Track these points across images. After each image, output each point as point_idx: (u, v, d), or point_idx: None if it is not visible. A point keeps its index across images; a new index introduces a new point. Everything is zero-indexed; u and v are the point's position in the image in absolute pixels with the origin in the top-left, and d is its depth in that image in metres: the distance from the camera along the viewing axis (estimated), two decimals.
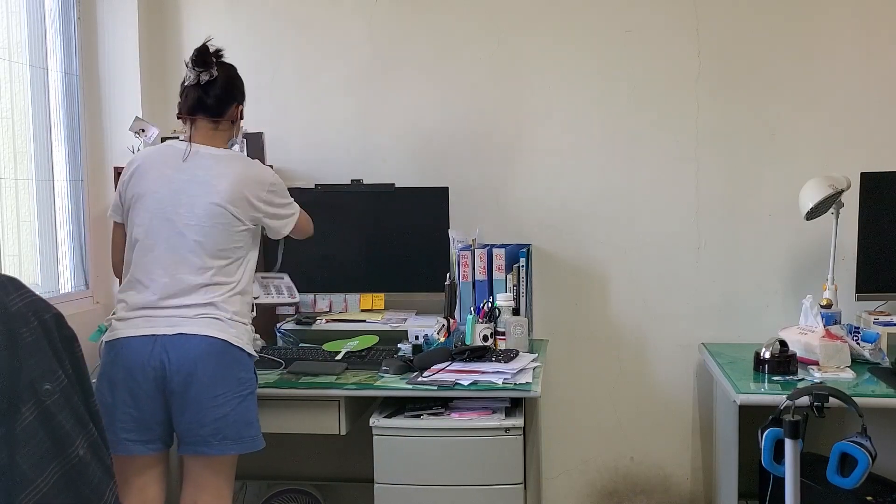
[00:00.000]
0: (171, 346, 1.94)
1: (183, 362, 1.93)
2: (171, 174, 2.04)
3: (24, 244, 2.55)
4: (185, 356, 1.93)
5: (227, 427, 1.97)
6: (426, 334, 2.53)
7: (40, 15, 2.62)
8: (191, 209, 2.01)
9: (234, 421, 1.98)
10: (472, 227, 2.76)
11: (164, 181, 2.04)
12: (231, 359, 1.99)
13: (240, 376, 2.01)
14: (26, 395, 1.19)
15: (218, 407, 1.96)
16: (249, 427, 2.02)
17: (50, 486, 1.20)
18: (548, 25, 2.84)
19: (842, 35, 2.72)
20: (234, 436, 1.99)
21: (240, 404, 1.99)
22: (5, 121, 2.47)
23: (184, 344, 1.94)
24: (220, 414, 1.96)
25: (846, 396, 1.76)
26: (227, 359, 1.98)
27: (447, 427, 2.17)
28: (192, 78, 2.06)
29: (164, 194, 2.03)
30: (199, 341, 1.95)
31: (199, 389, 1.94)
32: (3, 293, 1.20)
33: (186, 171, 2.04)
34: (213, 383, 1.95)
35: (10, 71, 2.49)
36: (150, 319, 1.97)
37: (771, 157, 2.77)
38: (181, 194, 2.02)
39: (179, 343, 1.94)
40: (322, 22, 2.94)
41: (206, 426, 1.96)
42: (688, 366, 2.86)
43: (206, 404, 1.95)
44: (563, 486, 2.97)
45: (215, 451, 1.98)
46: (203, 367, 1.94)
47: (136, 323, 1.98)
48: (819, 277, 2.66)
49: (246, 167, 2.13)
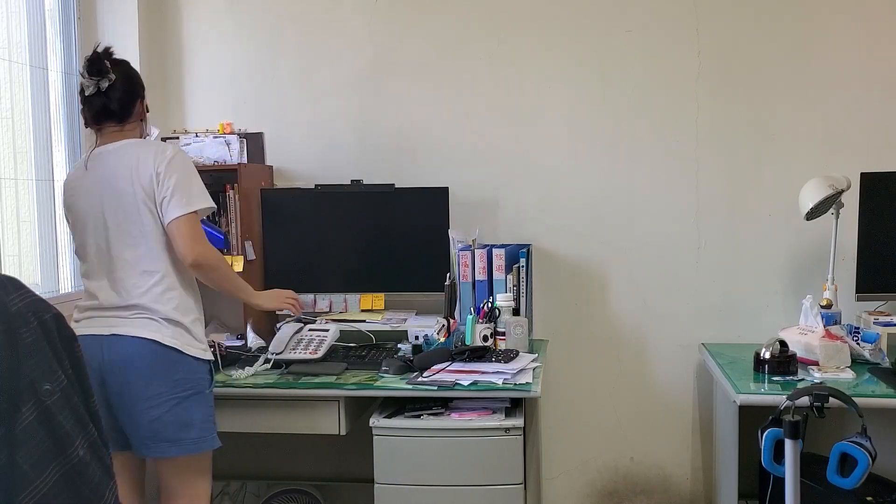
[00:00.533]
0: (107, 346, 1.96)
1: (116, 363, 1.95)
2: (78, 185, 2.07)
3: (24, 244, 2.55)
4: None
5: (163, 429, 1.97)
6: (426, 334, 2.53)
7: (40, 15, 2.62)
8: (107, 209, 2.02)
9: (169, 423, 1.97)
10: (472, 227, 2.76)
11: (77, 194, 2.07)
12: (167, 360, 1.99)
13: (176, 378, 1.99)
14: (26, 395, 1.19)
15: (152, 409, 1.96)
16: (188, 429, 2.00)
17: (50, 486, 1.20)
18: (548, 25, 2.84)
19: (842, 35, 2.72)
20: (172, 438, 1.98)
21: (176, 405, 1.98)
22: (5, 121, 2.47)
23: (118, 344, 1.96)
24: (155, 416, 1.96)
25: (846, 396, 1.76)
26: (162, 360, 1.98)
27: (447, 427, 2.17)
28: (92, 88, 2.02)
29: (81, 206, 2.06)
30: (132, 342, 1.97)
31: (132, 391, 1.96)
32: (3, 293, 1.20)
33: (90, 176, 2.05)
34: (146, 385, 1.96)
35: (10, 71, 2.49)
36: (93, 321, 2.01)
37: (771, 157, 2.77)
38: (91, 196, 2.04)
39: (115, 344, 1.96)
40: (322, 22, 2.94)
41: (141, 428, 1.97)
42: (688, 366, 2.86)
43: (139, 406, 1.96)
44: (563, 486, 2.97)
45: (153, 453, 1.98)
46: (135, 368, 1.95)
47: (84, 323, 2.02)
48: (819, 277, 2.66)
49: (142, 145, 2.09)
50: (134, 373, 1.94)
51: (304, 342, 2.44)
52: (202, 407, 2.03)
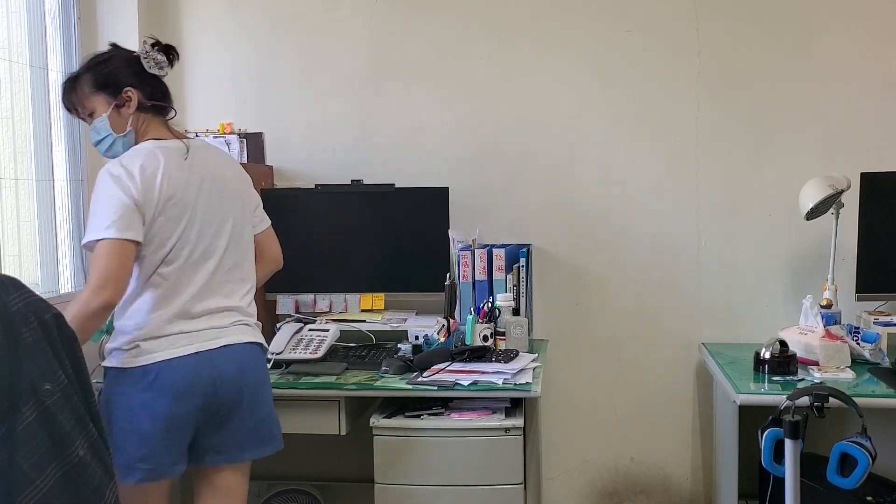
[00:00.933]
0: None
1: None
2: (185, 177, 1.88)
3: (24, 244, 2.55)
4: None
5: (268, 428, 2.00)
6: (426, 334, 2.53)
7: (40, 15, 2.62)
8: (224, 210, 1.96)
9: (274, 421, 2.03)
10: (472, 227, 2.76)
11: (183, 186, 1.87)
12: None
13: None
14: (26, 395, 1.19)
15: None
16: (279, 426, 2.05)
17: (50, 486, 1.20)
18: (548, 25, 2.84)
19: (842, 35, 2.72)
20: (271, 436, 2.01)
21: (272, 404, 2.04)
22: (5, 121, 2.47)
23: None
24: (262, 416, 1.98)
25: (846, 396, 1.77)
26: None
27: (447, 427, 2.17)
28: (168, 69, 1.94)
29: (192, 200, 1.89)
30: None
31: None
32: (3, 293, 1.20)
33: (195, 171, 1.90)
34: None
35: (10, 71, 2.49)
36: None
37: (771, 157, 2.77)
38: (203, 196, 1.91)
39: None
40: (322, 22, 2.94)
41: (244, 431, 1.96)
42: (688, 366, 2.86)
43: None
44: (563, 486, 2.97)
45: (253, 455, 1.98)
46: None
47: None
48: (819, 277, 2.66)
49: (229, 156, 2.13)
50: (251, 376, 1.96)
51: (304, 342, 2.44)
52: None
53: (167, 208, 1.83)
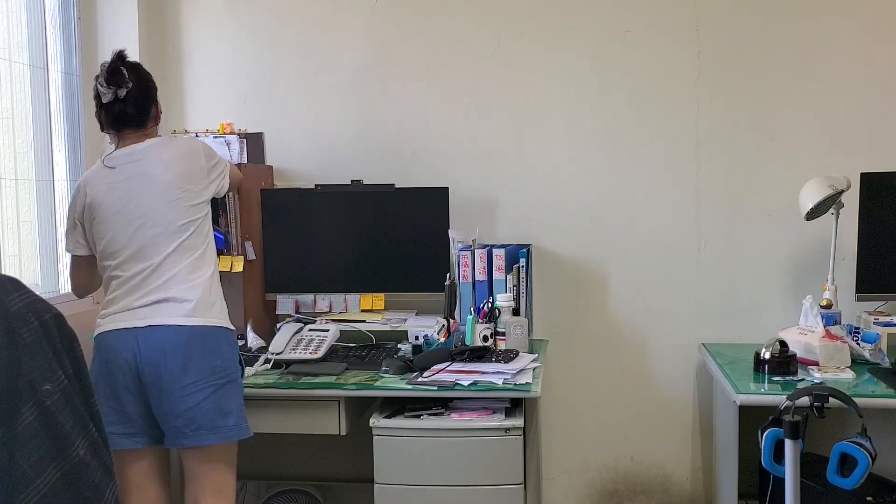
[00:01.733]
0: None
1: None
2: (110, 183, 2.08)
3: (24, 244, 2.55)
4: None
5: (200, 416, 1.99)
6: (426, 334, 2.53)
7: (40, 15, 2.62)
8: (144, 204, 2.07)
9: (207, 410, 2.00)
10: (472, 227, 2.76)
11: (107, 191, 2.08)
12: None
13: (215, 364, 2.03)
14: (26, 396, 1.19)
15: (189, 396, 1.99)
16: (226, 417, 2.03)
17: (50, 487, 1.20)
18: (547, 25, 2.84)
19: (842, 35, 2.72)
20: (209, 425, 2.00)
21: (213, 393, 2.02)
22: (5, 121, 2.47)
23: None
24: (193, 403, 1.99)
25: (846, 397, 1.77)
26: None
27: (447, 427, 2.17)
28: (110, 96, 2.06)
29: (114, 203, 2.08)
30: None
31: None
32: (3, 293, 1.20)
33: (121, 173, 2.08)
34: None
35: (11, 71, 2.49)
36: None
37: (771, 157, 2.77)
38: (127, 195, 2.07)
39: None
40: (322, 22, 2.94)
41: (179, 416, 1.98)
42: (688, 366, 2.86)
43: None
44: (563, 486, 2.97)
45: (189, 441, 1.99)
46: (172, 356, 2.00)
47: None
48: (819, 277, 2.66)
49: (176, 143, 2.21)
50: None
51: (304, 342, 2.45)
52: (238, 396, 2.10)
53: (101, 217, 2.08)
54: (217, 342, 2.04)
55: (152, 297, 2.01)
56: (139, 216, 2.05)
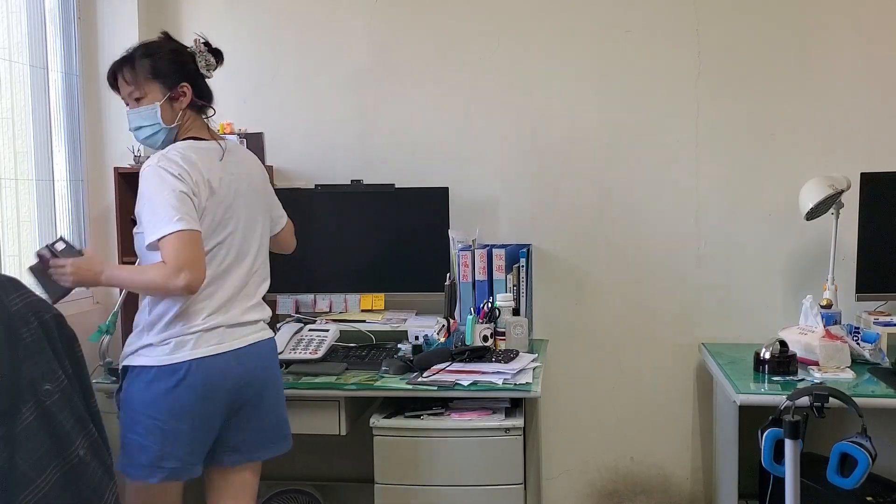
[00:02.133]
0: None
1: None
2: (222, 177, 1.89)
3: (24, 244, 2.55)
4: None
5: (283, 425, 2.03)
6: (426, 334, 2.53)
7: (40, 15, 2.62)
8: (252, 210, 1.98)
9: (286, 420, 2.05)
10: (472, 227, 2.76)
11: (224, 186, 1.89)
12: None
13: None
14: (26, 396, 1.19)
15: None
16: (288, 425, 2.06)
17: (50, 486, 1.20)
18: (548, 25, 2.84)
19: (842, 35, 2.72)
20: (285, 434, 2.04)
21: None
22: (5, 121, 2.47)
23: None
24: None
25: (846, 396, 1.77)
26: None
27: (447, 427, 2.17)
28: (210, 75, 1.96)
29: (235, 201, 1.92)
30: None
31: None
32: (3, 293, 1.20)
33: (229, 172, 1.91)
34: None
35: (11, 71, 2.49)
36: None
37: (771, 157, 2.77)
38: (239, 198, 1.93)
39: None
40: (322, 22, 2.94)
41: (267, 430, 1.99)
42: (688, 366, 2.86)
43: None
44: (563, 486, 2.97)
45: (272, 452, 2.01)
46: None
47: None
48: (819, 277, 2.66)
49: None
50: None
51: (304, 342, 2.45)
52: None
53: (210, 207, 1.83)
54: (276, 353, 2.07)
55: (250, 316, 1.94)
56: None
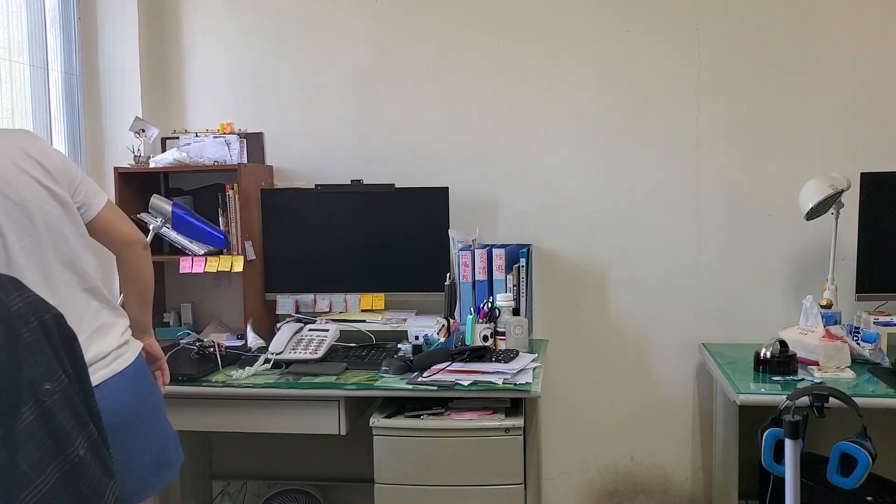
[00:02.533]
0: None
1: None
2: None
3: None
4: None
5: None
6: (426, 334, 2.53)
7: (40, 15, 2.62)
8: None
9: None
10: (472, 227, 2.76)
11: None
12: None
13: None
14: (26, 395, 1.19)
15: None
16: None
17: (50, 486, 1.20)
18: (548, 25, 2.84)
19: (842, 35, 2.72)
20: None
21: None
22: (5, 121, 2.47)
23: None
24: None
25: (846, 396, 1.76)
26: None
27: (447, 427, 2.17)
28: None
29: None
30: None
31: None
32: (3, 293, 1.20)
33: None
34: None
35: (11, 71, 2.49)
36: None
37: (771, 157, 2.77)
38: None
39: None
40: (322, 22, 2.94)
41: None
42: (688, 366, 2.86)
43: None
44: (563, 486, 2.97)
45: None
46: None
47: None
48: (819, 277, 2.66)
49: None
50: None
51: (304, 342, 2.44)
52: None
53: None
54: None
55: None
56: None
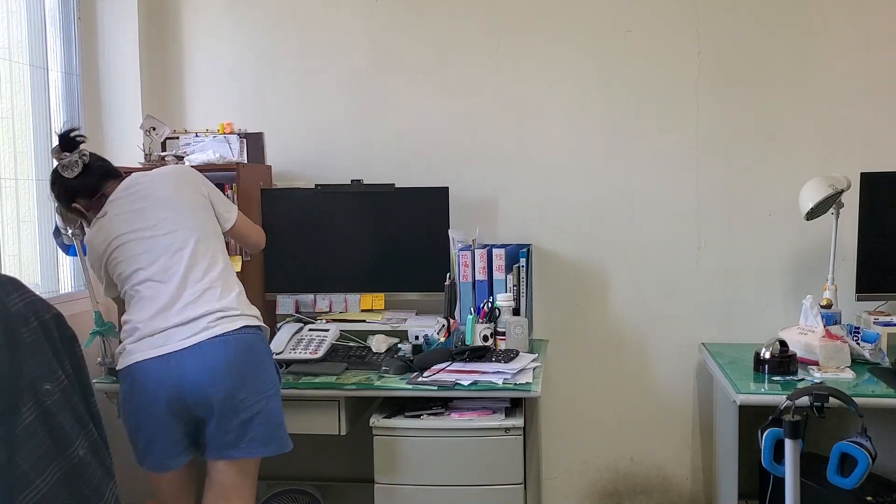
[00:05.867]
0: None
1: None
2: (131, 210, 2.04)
3: (24, 244, 2.55)
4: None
5: (254, 429, 1.95)
6: (426, 334, 2.53)
7: (40, 15, 2.62)
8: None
9: (260, 423, 1.96)
10: (472, 227, 2.76)
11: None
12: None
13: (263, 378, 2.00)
14: (26, 395, 1.19)
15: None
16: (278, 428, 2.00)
17: (50, 486, 1.20)
18: (548, 26, 2.84)
19: (842, 35, 2.72)
20: (262, 438, 1.96)
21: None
22: (5, 121, 2.48)
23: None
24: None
25: (846, 396, 1.76)
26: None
27: (447, 427, 2.17)
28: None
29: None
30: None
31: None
32: (3, 293, 1.20)
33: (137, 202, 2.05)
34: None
35: (11, 71, 2.49)
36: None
37: (771, 157, 2.77)
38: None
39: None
40: (322, 22, 2.94)
41: (231, 431, 1.94)
42: (688, 366, 2.86)
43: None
44: (563, 486, 2.97)
45: (242, 453, 1.96)
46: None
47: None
48: (819, 277, 2.66)
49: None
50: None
51: (304, 342, 2.44)
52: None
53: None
54: (261, 353, 2.00)
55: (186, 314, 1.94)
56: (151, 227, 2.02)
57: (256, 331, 2.01)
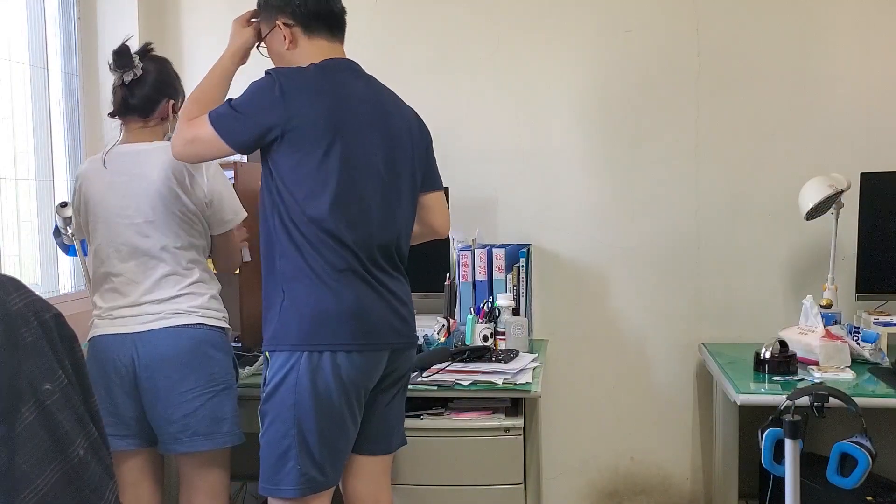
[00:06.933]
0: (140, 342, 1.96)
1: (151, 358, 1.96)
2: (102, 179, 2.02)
3: (24, 244, 2.55)
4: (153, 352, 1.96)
5: (196, 423, 1.96)
6: (426, 334, 2.53)
7: (40, 15, 2.62)
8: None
9: (203, 417, 1.96)
10: (472, 227, 2.76)
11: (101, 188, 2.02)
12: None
13: (212, 372, 1.99)
14: (26, 396, 1.19)
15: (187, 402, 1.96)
16: (221, 423, 2.00)
17: (50, 487, 1.20)
18: (548, 25, 2.84)
19: (842, 35, 2.72)
20: (204, 432, 1.97)
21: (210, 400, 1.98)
22: (5, 121, 2.48)
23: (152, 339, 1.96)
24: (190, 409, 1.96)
25: (846, 396, 1.76)
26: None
27: (447, 427, 2.17)
28: (117, 80, 2.04)
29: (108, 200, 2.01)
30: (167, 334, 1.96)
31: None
32: (3, 293, 1.20)
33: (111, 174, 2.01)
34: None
35: (11, 71, 2.49)
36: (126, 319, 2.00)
37: (771, 157, 2.77)
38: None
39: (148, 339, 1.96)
40: None
41: (174, 423, 1.95)
42: (688, 366, 2.86)
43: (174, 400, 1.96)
44: (563, 486, 2.97)
45: (184, 448, 1.97)
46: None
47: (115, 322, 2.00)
48: (819, 277, 2.66)
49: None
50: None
51: None
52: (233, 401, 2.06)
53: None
54: (213, 349, 2.00)
55: (148, 298, 1.98)
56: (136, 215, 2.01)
57: (216, 329, 2.03)
